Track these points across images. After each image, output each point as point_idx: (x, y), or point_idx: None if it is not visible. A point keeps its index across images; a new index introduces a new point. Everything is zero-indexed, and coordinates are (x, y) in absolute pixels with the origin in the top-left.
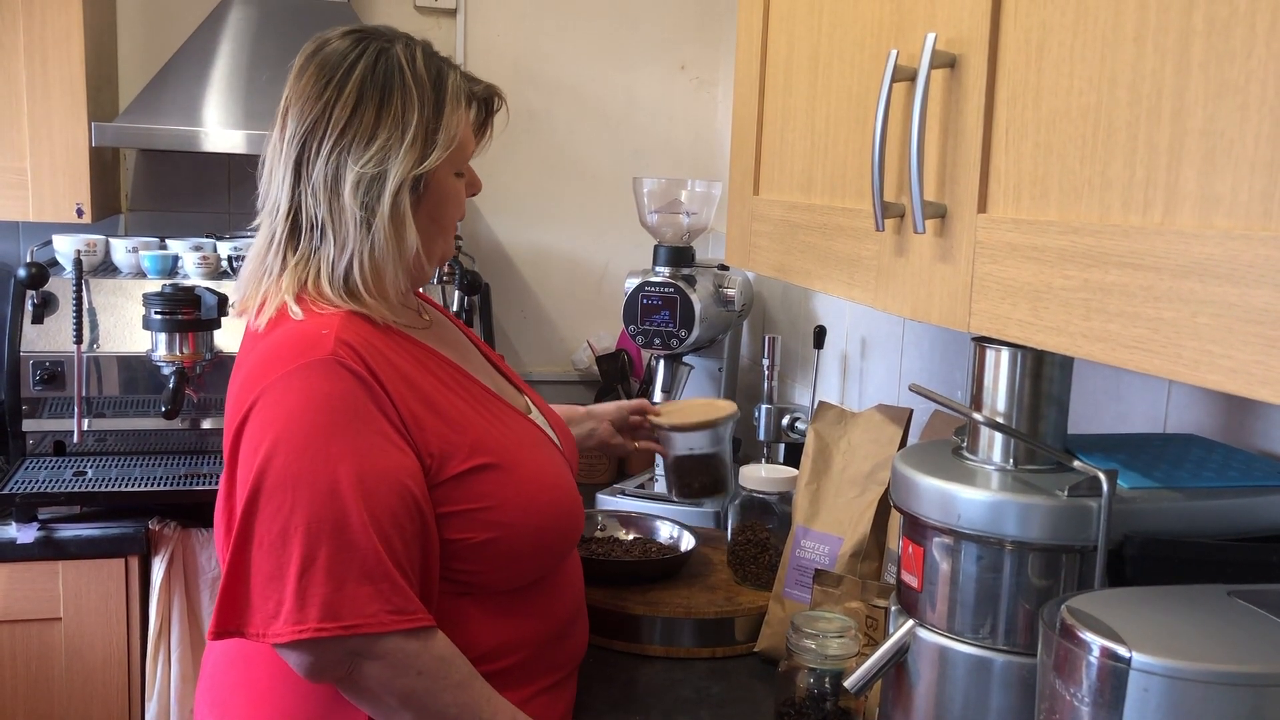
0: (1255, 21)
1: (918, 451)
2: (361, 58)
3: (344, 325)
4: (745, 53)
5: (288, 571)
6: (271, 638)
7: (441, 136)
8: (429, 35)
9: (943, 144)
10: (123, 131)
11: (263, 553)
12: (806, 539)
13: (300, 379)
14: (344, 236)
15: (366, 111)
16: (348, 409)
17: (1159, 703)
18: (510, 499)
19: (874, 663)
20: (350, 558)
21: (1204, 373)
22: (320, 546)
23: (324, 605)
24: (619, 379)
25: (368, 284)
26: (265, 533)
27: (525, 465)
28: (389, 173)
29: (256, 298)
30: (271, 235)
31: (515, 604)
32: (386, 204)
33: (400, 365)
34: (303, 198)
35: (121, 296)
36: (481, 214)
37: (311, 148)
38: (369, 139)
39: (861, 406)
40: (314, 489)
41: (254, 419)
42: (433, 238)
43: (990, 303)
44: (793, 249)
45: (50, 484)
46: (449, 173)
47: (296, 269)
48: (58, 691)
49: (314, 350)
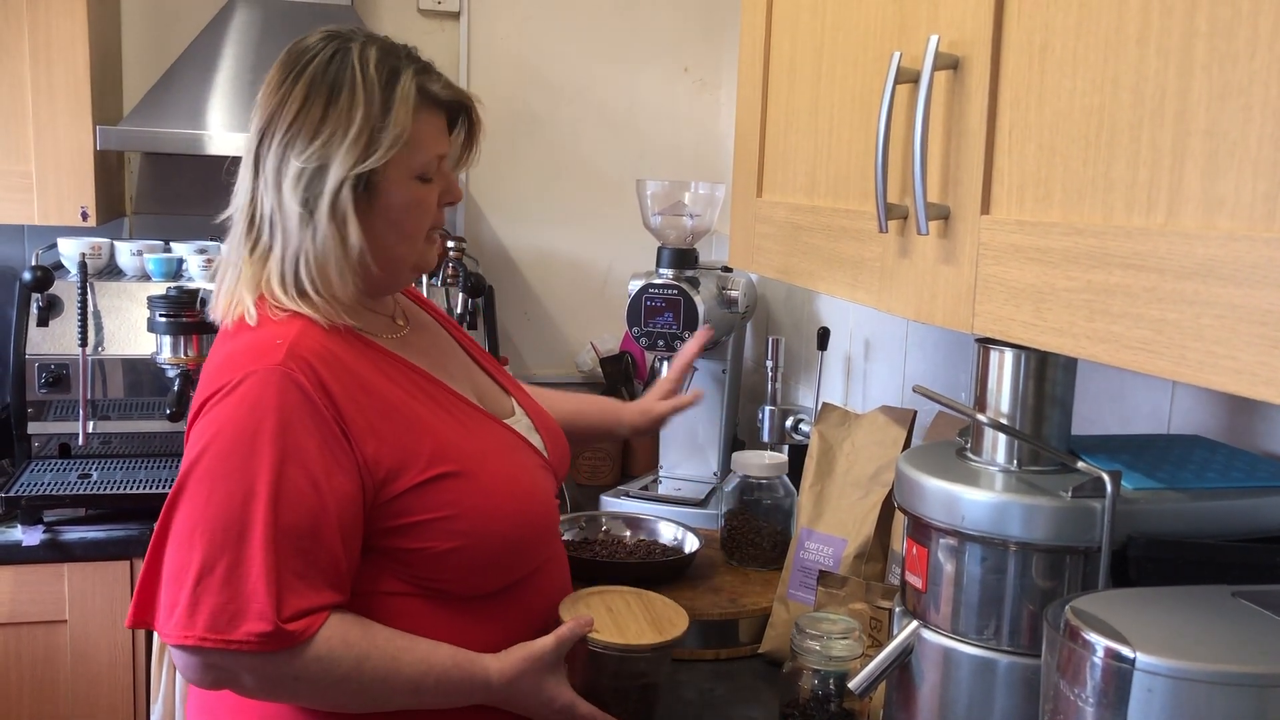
0: (1258, 23)
1: (922, 453)
2: (318, 55)
3: (301, 334)
4: (748, 55)
5: (188, 573)
6: (165, 636)
7: (386, 136)
8: (432, 38)
9: (946, 145)
10: (127, 135)
11: (173, 547)
12: (811, 540)
13: (244, 386)
14: (288, 233)
15: (314, 107)
16: (281, 420)
17: (1163, 703)
18: (474, 507)
19: (878, 664)
20: (246, 572)
21: (1208, 374)
22: (222, 554)
23: (212, 615)
24: (623, 381)
25: (315, 284)
26: (180, 527)
27: (491, 472)
28: (329, 168)
29: (222, 296)
30: (234, 230)
31: (489, 609)
32: (326, 200)
33: (360, 373)
34: (258, 192)
35: (126, 299)
36: (485, 216)
37: (266, 143)
38: (313, 134)
39: (865, 408)
40: (229, 494)
41: (199, 422)
42: (391, 243)
43: (994, 304)
44: (796, 251)
45: (55, 486)
46: (404, 176)
47: (253, 266)
48: (63, 694)
49: (263, 359)
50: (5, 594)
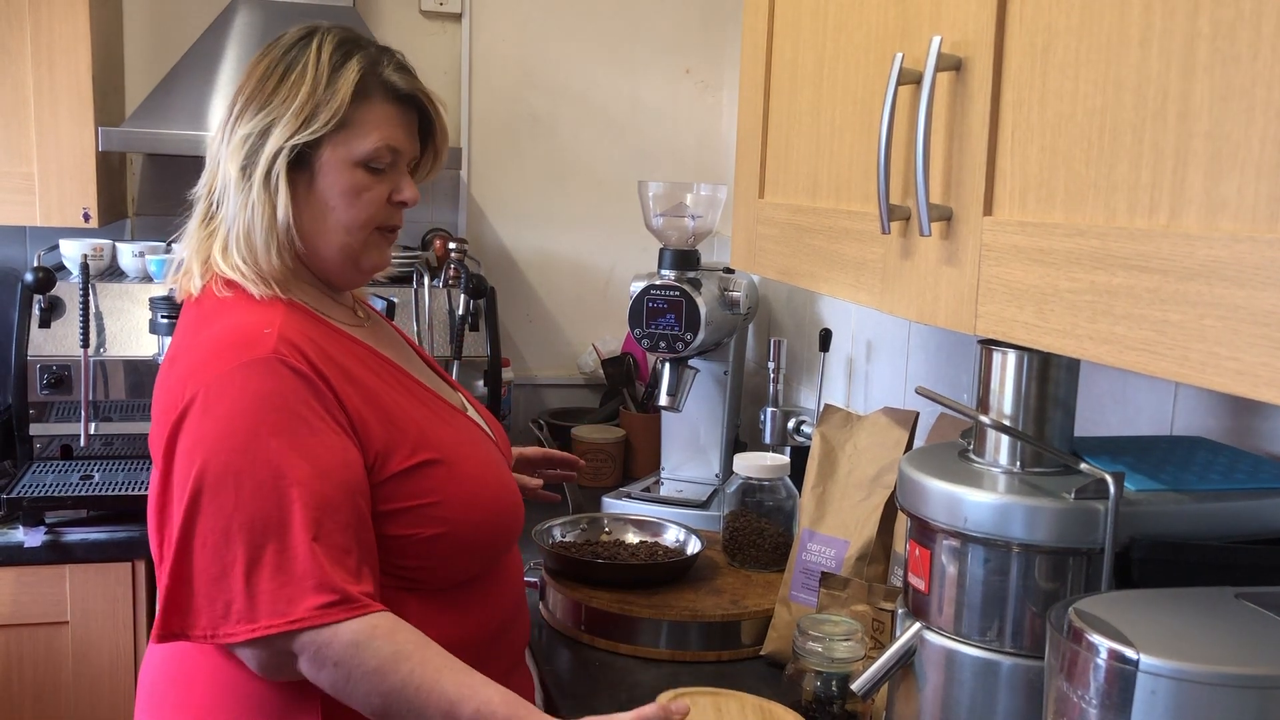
0: (1260, 25)
1: (924, 454)
2: (284, 41)
3: (286, 321)
4: (750, 56)
5: (234, 571)
6: (223, 638)
7: (324, 112)
8: (434, 40)
9: (948, 147)
10: (129, 136)
11: (207, 553)
12: (813, 542)
13: (241, 377)
14: (229, 199)
15: (269, 82)
16: (288, 406)
17: (1166, 705)
18: (455, 494)
19: (881, 666)
20: (294, 555)
21: (1210, 375)
22: (265, 545)
23: (272, 603)
24: (624, 382)
25: (241, 250)
26: (208, 533)
27: (468, 461)
28: (270, 135)
29: (181, 271)
30: (197, 208)
31: (458, 599)
32: (262, 167)
33: (342, 362)
34: (218, 165)
35: (128, 301)
36: (487, 218)
37: (229, 120)
38: (262, 105)
39: (867, 409)
40: (258, 485)
41: (192, 417)
42: (323, 228)
43: (996, 305)
44: (798, 252)
45: (57, 488)
46: (343, 159)
47: (201, 233)
48: (65, 695)
49: (255, 348)
50: (7, 595)
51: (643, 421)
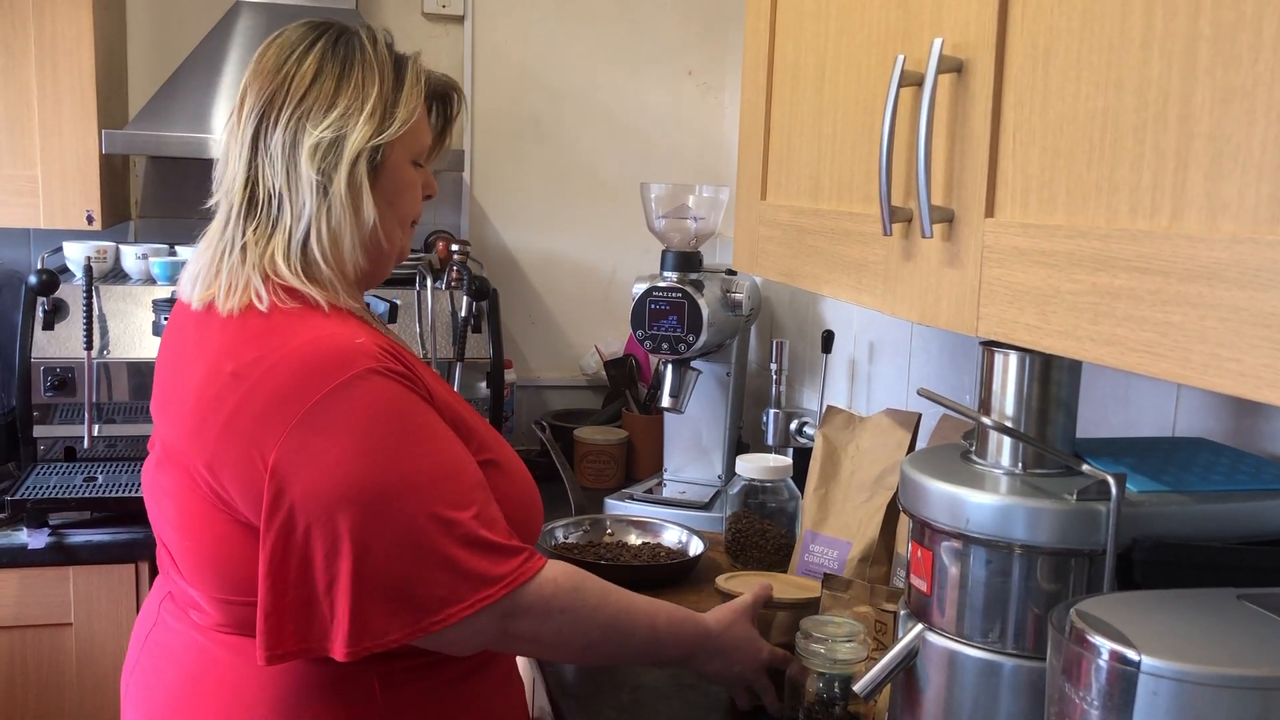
0: (1262, 27)
1: (926, 456)
2: (322, 37)
3: (365, 330)
4: (752, 58)
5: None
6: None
7: (400, 111)
8: (437, 42)
9: (950, 148)
10: (133, 138)
11: (393, 564)
12: (815, 543)
13: (356, 392)
14: (300, 204)
15: (326, 81)
16: (409, 412)
17: (1168, 706)
18: (508, 495)
19: (883, 667)
20: (472, 535)
21: (1212, 376)
22: (442, 539)
23: (480, 576)
24: (627, 384)
25: (325, 256)
26: (382, 546)
27: (511, 460)
28: (347, 139)
29: (222, 279)
30: (229, 210)
31: None
32: (344, 171)
33: (412, 364)
34: (260, 169)
35: (131, 303)
36: (489, 220)
37: (270, 117)
38: (329, 106)
39: (870, 411)
40: (414, 492)
41: (306, 439)
42: (390, 225)
43: (998, 307)
44: (800, 253)
45: (61, 490)
46: (405, 158)
47: (256, 244)
48: (68, 697)
49: (357, 361)
50: (11, 597)
51: (645, 423)
